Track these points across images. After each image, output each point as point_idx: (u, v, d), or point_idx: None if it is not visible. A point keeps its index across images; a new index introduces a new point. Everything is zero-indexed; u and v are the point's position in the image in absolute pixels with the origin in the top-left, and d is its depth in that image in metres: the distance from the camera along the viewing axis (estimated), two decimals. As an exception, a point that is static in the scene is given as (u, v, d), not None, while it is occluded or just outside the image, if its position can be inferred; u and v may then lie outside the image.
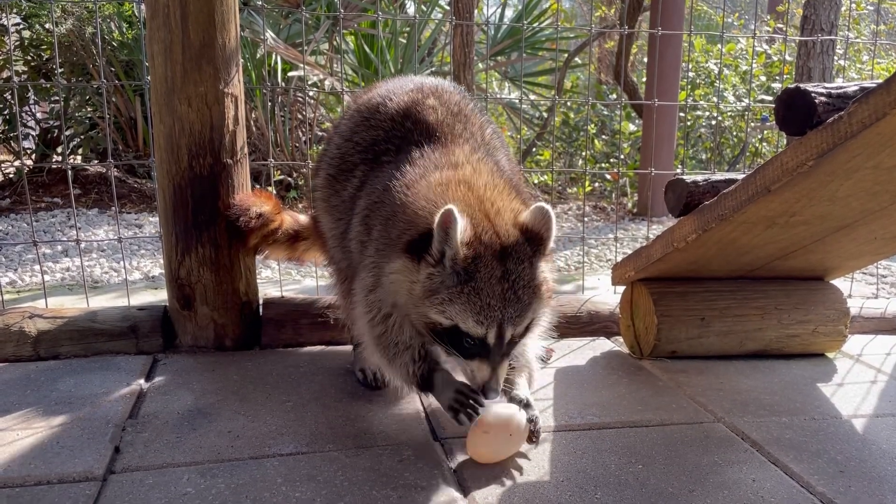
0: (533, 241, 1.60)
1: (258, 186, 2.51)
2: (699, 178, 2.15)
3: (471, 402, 1.66)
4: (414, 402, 2.00)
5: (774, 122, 1.76)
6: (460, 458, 1.67)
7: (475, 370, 1.60)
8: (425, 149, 1.83)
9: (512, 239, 1.58)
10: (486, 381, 1.59)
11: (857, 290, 3.19)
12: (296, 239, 2.41)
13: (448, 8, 4.98)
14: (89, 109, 5.49)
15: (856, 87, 1.63)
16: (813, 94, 1.62)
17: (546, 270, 1.65)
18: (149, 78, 2.28)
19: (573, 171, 6.36)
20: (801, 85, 1.65)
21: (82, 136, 5.50)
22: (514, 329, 1.59)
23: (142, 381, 2.09)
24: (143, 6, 2.26)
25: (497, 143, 2.05)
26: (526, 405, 1.74)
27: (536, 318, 1.67)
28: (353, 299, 1.86)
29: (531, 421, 1.70)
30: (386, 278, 1.66)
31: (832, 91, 1.63)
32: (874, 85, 1.47)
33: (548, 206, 1.60)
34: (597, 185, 6.50)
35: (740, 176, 1.92)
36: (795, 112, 1.66)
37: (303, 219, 2.42)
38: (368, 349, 1.85)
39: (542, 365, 2.28)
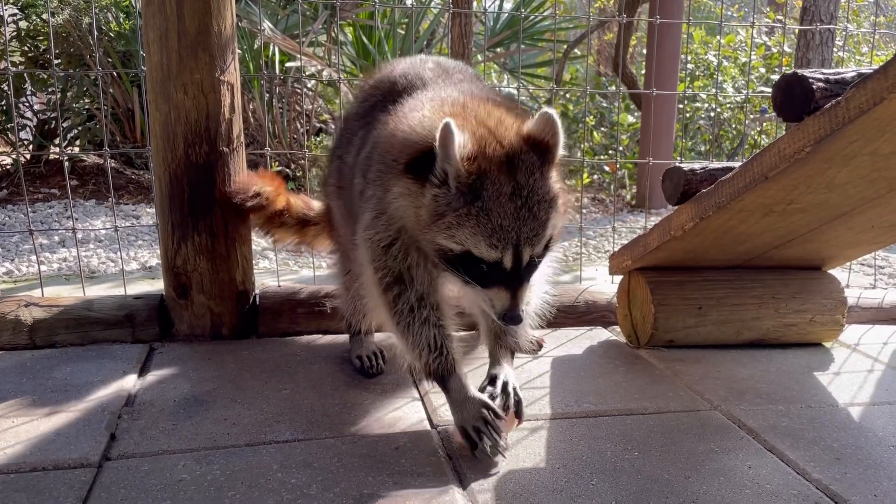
0: (540, 149, 1.49)
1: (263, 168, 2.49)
2: (696, 166, 2.14)
3: (496, 426, 1.57)
4: (410, 390, 2.00)
5: (773, 110, 1.75)
6: (457, 445, 1.67)
7: (494, 298, 1.50)
8: (418, 91, 1.78)
9: (518, 149, 1.48)
10: (506, 309, 1.50)
11: (855, 281, 3.19)
12: (306, 223, 2.39)
13: (446, -2, 4.97)
14: (87, 101, 5.47)
15: (853, 73, 1.62)
16: (811, 80, 1.61)
17: (559, 180, 1.55)
18: (144, 67, 2.27)
19: (571, 163, 6.34)
20: (799, 71, 1.64)
21: (80, 128, 5.48)
22: (531, 249, 1.48)
23: (138, 370, 2.09)
24: (138, -7, 2.25)
25: (493, 95, 2.01)
26: (507, 386, 1.71)
27: (554, 234, 1.55)
28: (354, 241, 1.78)
29: (517, 403, 1.68)
30: (391, 206, 1.57)
31: (830, 77, 1.62)
32: (872, 71, 1.47)
33: (552, 111, 1.50)
34: (595, 177, 6.49)
35: (738, 164, 1.91)
36: (793, 98, 1.65)
37: (315, 204, 2.40)
38: (379, 309, 1.74)
39: (532, 357, 2.29)
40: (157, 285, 2.96)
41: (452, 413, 1.66)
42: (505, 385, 1.72)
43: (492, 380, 1.74)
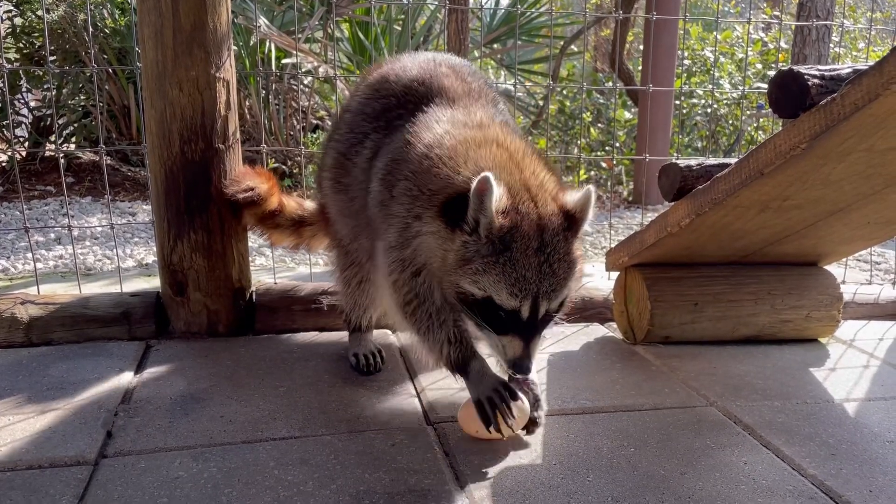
0: (569, 218, 1.57)
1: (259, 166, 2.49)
2: (693, 162, 2.14)
3: (508, 404, 1.61)
4: (407, 387, 2.00)
5: (769, 107, 1.75)
6: (453, 441, 1.67)
7: (507, 345, 1.55)
8: (444, 107, 1.78)
9: (550, 213, 1.55)
10: (517, 357, 1.55)
11: (851, 277, 3.20)
12: (301, 224, 2.37)
13: (443, -6, 4.96)
14: (82, 97, 5.45)
15: (849, 69, 1.63)
16: (806, 76, 1.61)
17: (579, 249, 1.63)
18: (139, 64, 2.27)
19: (569, 159, 6.34)
20: (795, 67, 1.65)
21: (76, 125, 5.46)
22: (548, 303, 1.55)
23: (134, 367, 2.09)
24: (133, -10, 2.24)
25: (508, 117, 2.01)
26: (536, 401, 1.72)
27: (569, 294, 1.62)
28: (375, 262, 1.81)
29: (533, 420, 1.69)
30: (417, 239, 1.62)
31: (825, 73, 1.63)
32: (867, 67, 1.47)
33: (594, 190, 1.58)
34: (592, 173, 6.48)
35: (734, 161, 1.91)
36: (788, 94, 1.65)
37: (308, 205, 2.39)
38: (395, 315, 1.78)
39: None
40: (154, 283, 2.96)
41: (470, 391, 1.69)
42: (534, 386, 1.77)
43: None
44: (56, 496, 1.42)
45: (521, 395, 1.66)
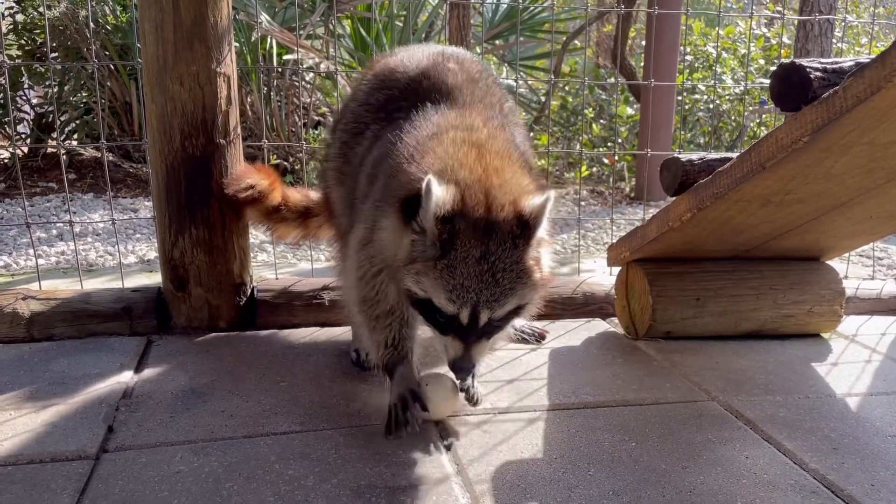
0: (524, 225, 1.51)
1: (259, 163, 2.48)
2: (694, 157, 2.14)
3: (408, 415, 1.64)
4: (408, 382, 1.99)
5: (771, 100, 1.75)
6: (454, 435, 1.67)
7: (448, 346, 1.55)
8: (442, 107, 1.77)
9: (502, 217, 1.49)
10: (457, 359, 1.54)
11: (853, 272, 3.19)
12: (307, 216, 2.37)
13: (444, -10, 4.95)
14: (84, 94, 5.45)
15: (851, 63, 1.62)
16: (808, 69, 1.61)
17: (540, 256, 1.58)
18: (140, 59, 2.26)
19: (571, 155, 6.34)
20: (797, 60, 1.64)
21: (77, 121, 5.47)
22: (490, 312, 1.51)
23: (136, 362, 2.09)
24: (134, -15, 2.24)
25: (514, 118, 2.00)
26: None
27: (526, 303, 1.59)
28: (346, 253, 1.82)
29: (465, 390, 1.74)
30: (378, 234, 1.62)
31: (828, 66, 1.62)
32: (869, 60, 1.46)
33: (551, 196, 1.52)
34: (594, 169, 6.48)
35: (736, 155, 1.91)
36: (791, 88, 1.64)
37: (314, 195, 2.38)
38: (352, 309, 1.81)
39: (531, 349, 2.29)
40: (155, 278, 2.96)
41: (390, 392, 1.73)
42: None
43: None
44: (57, 490, 1.42)
45: (452, 381, 1.71)
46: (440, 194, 1.46)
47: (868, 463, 1.59)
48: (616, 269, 2.53)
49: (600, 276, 2.85)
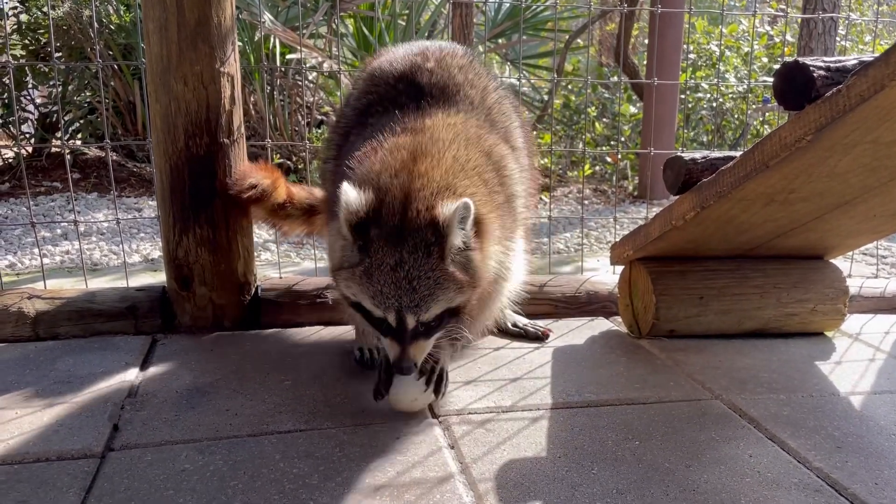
0: (437, 233, 1.49)
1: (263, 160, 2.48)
2: (698, 155, 2.14)
3: (381, 383, 1.73)
4: (412, 381, 2.00)
5: (776, 102, 1.75)
6: (458, 434, 1.68)
7: (387, 346, 1.58)
8: (406, 111, 1.77)
9: (416, 225, 1.49)
10: (395, 360, 1.57)
11: (857, 270, 3.18)
12: (311, 213, 2.37)
13: (447, -11, 4.95)
14: (88, 94, 5.47)
15: (855, 61, 1.62)
16: (811, 68, 1.60)
17: (470, 259, 1.55)
18: (144, 59, 2.27)
19: (574, 154, 6.33)
20: (800, 59, 1.64)
21: (81, 121, 5.48)
22: (416, 317, 1.52)
23: (140, 361, 2.10)
24: (137, -15, 2.24)
25: (505, 107, 1.98)
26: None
27: (457, 306, 1.57)
28: None
29: (438, 381, 1.77)
30: (328, 238, 1.68)
31: (831, 65, 1.62)
32: (873, 58, 1.46)
33: (464, 202, 1.48)
34: (597, 168, 6.48)
35: (739, 153, 1.91)
36: (794, 86, 1.64)
37: (318, 193, 2.39)
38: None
39: (534, 347, 2.29)
40: (160, 277, 2.97)
41: None
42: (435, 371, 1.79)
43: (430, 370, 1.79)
44: (63, 489, 1.43)
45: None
46: (352, 201, 1.47)
47: (872, 461, 1.59)
48: (619, 268, 2.53)
49: (603, 274, 2.85)
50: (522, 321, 2.39)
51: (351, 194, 1.47)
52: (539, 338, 2.34)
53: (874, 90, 1.42)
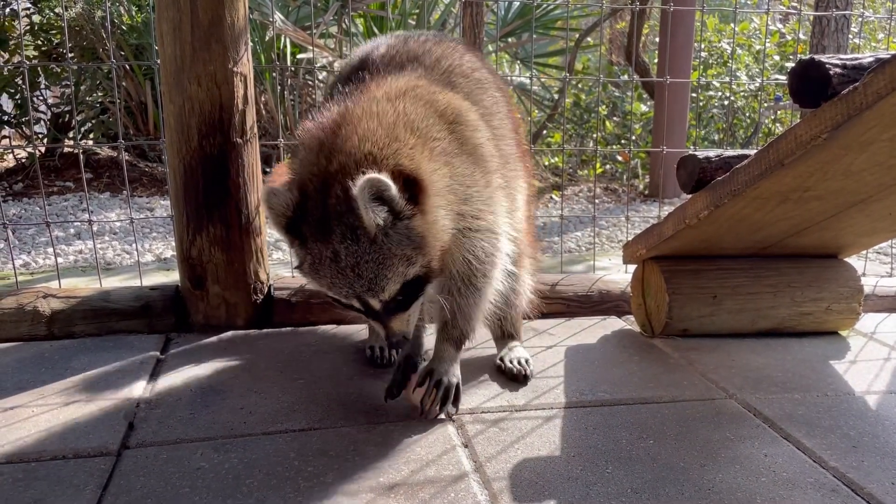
0: (356, 214, 1.42)
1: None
2: (711, 153, 2.13)
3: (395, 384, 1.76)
4: (425, 380, 2.00)
5: (788, 100, 1.74)
6: (471, 433, 1.68)
7: (376, 327, 1.59)
8: (354, 85, 1.70)
9: (337, 211, 1.43)
10: (386, 337, 1.57)
11: (871, 269, 3.16)
12: None
13: (457, -12, 4.95)
14: (100, 94, 5.50)
15: (871, 59, 1.61)
16: (827, 66, 1.60)
17: (407, 231, 1.46)
18: (158, 61, 2.28)
19: (584, 153, 6.32)
20: (816, 56, 1.63)
21: (93, 121, 5.51)
22: (376, 298, 1.49)
23: (155, 359, 2.11)
24: (151, -15, 2.25)
25: (468, 71, 1.88)
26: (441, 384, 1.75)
27: (417, 274, 1.49)
28: None
29: (444, 398, 1.73)
30: None
31: (847, 62, 1.61)
32: (889, 56, 1.45)
33: (364, 181, 1.38)
34: (608, 167, 6.46)
35: (753, 152, 1.90)
36: (809, 84, 1.63)
37: None
38: None
39: (547, 346, 2.29)
40: (173, 277, 2.98)
41: None
42: (439, 382, 1.75)
43: (428, 373, 1.77)
44: (80, 486, 1.44)
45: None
46: (274, 205, 1.46)
47: (888, 461, 1.58)
48: (631, 267, 2.52)
49: (615, 273, 2.84)
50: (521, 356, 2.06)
51: (271, 196, 1.45)
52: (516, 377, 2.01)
53: (891, 87, 1.41)
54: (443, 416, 1.75)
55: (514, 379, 1.98)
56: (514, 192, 1.90)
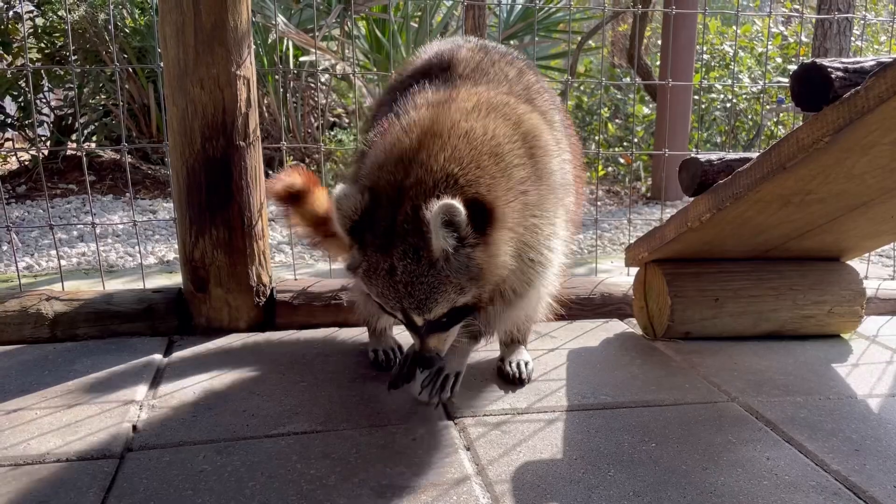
0: (424, 236, 1.42)
1: (301, 165, 2.44)
2: (714, 156, 2.13)
3: (399, 375, 1.77)
4: (427, 382, 2.00)
5: (790, 102, 1.74)
6: (474, 436, 1.68)
7: (412, 338, 1.60)
8: (434, 82, 1.68)
9: (405, 228, 1.43)
10: (417, 351, 1.58)
11: (874, 272, 3.16)
12: None
13: (460, -9, 4.95)
14: (103, 97, 5.51)
15: (873, 62, 1.61)
16: (829, 69, 1.60)
17: (467, 260, 1.44)
18: (161, 63, 2.29)
19: (587, 155, 6.32)
20: (818, 60, 1.63)
21: (96, 124, 5.53)
22: (421, 316, 1.50)
23: (157, 362, 2.11)
24: (154, -11, 2.26)
25: (543, 92, 1.87)
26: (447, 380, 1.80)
27: (466, 302, 1.50)
28: None
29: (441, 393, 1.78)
30: None
31: (849, 66, 1.61)
32: (891, 59, 1.45)
33: (441, 206, 1.36)
34: (610, 169, 6.46)
35: (755, 155, 1.90)
36: (811, 88, 1.64)
37: None
38: None
39: (548, 349, 2.29)
40: (175, 279, 2.99)
41: None
42: (440, 370, 1.81)
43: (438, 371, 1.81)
44: (83, 489, 1.44)
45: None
46: (343, 205, 1.46)
47: (891, 464, 1.58)
48: (633, 270, 2.53)
49: (617, 276, 2.84)
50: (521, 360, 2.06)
51: (342, 196, 1.44)
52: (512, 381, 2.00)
53: (893, 91, 1.41)
54: (435, 400, 1.79)
55: (511, 382, 1.98)
56: (571, 221, 1.91)
